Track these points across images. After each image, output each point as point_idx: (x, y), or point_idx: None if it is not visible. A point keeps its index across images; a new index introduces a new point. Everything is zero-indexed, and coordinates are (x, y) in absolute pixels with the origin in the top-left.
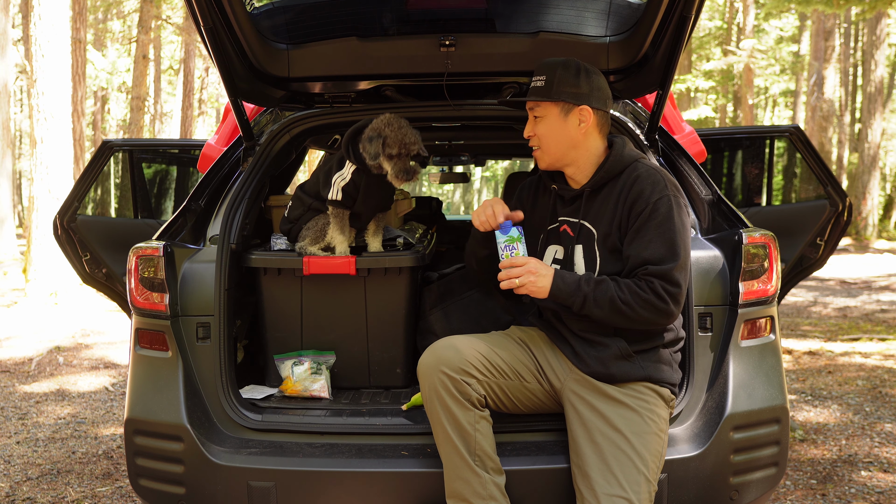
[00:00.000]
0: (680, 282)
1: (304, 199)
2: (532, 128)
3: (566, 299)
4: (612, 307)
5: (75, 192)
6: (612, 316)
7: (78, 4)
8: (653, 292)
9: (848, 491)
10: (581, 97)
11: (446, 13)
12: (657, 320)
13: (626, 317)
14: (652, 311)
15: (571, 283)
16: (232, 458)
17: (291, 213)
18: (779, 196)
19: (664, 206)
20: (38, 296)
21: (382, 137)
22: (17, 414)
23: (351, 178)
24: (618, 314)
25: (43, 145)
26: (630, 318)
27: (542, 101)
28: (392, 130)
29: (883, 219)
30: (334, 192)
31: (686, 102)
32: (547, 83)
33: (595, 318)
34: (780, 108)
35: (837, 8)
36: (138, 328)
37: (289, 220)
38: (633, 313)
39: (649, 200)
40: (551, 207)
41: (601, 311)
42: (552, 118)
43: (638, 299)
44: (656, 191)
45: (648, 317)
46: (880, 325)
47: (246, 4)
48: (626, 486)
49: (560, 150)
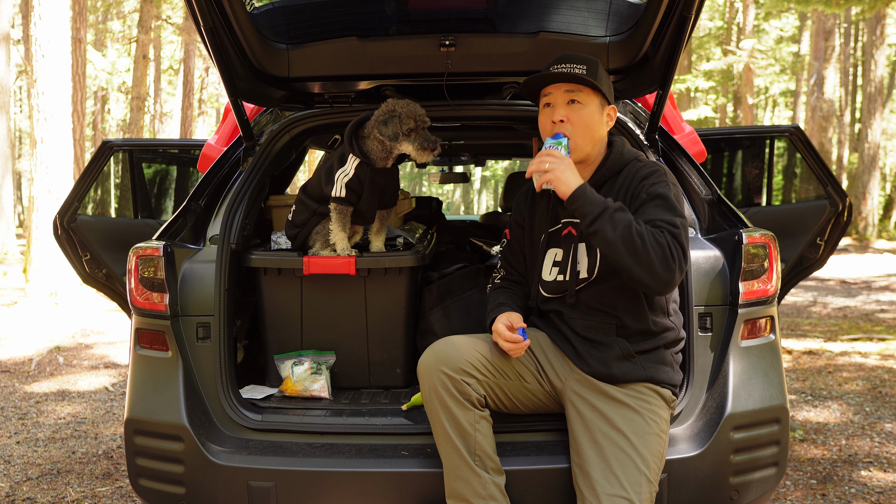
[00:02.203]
0: (686, 249)
1: (309, 204)
2: (566, 112)
3: (586, 204)
4: (627, 232)
5: (75, 192)
6: (621, 243)
7: (78, 4)
8: (666, 240)
9: (848, 491)
10: (611, 97)
11: (446, 13)
12: (659, 271)
13: (634, 249)
14: (660, 256)
15: (596, 195)
16: (232, 458)
17: (296, 217)
18: (779, 196)
19: (664, 187)
20: (38, 296)
21: (397, 115)
22: (17, 414)
23: (354, 173)
24: (628, 243)
25: (43, 145)
26: (638, 252)
27: (587, 88)
28: (402, 107)
29: (883, 219)
30: (338, 188)
31: (686, 102)
32: (590, 72)
33: (604, 238)
34: (780, 108)
35: (837, 8)
36: (138, 328)
37: (294, 224)
38: (643, 248)
39: (647, 184)
40: (551, 210)
41: (613, 232)
42: (593, 108)
43: (652, 238)
44: (656, 176)
45: (655, 261)
46: (880, 325)
47: (246, 4)
48: (627, 486)
49: (587, 141)
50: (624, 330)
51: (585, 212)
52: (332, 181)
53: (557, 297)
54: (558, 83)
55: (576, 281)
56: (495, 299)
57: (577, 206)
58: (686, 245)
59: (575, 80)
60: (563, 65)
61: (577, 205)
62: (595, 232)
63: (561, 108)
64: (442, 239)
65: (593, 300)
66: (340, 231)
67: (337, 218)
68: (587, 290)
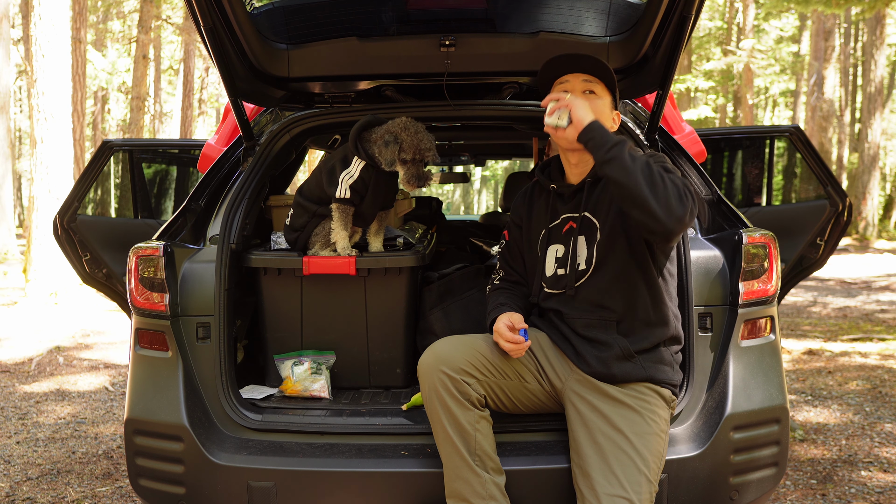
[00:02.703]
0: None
1: (308, 206)
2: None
3: (604, 134)
4: (644, 165)
5: (75, 192)
6: (639, 171)
7: (78, 4)
8: (682, 183)
9: (848, 491)
10: (617, 102)
11: (446, 13)
12: (674, 205)
13: (651, 178)
14: (675, 192)
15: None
16: (232, 458)
17: (295, 221)
18: (779, 196)
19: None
20: (38, 296)
21: (399, 142)
22: (17, 414)
23: (359, 175)
24: (645, 172)
25: (43, 145)
26: (655, 182)
27: (602, 84)
28: (409, 135)
29: (883, 219)
30: (342, 190)
31: (686, 102)
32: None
33: (622, 164)
34: (780, 108)
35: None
36: (138, 328)
37: (293, 228)
38: (660, 181)
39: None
40: (551, 207)
41: (631, 164)
42: (606, 103)
43: (668, 178)
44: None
45: (670, 194)
46: (880, 325)
47: (246, 4)
48: (627, 486)
49: None
50: (624, 325)
51: (604, 140)
52: (335, 182)
53: (558, 294)
54: (577, 73)
55: (575, 274)
56: (495, 300)
57: (594, 135)
58: (695, 196)
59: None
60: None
61: (595, 133)
62: (612, 159)
63: (577, 94)
64: (442, 239)
65: (593, 293)
66: (342, 230)
67: (339, 218)
68: (586, 283)
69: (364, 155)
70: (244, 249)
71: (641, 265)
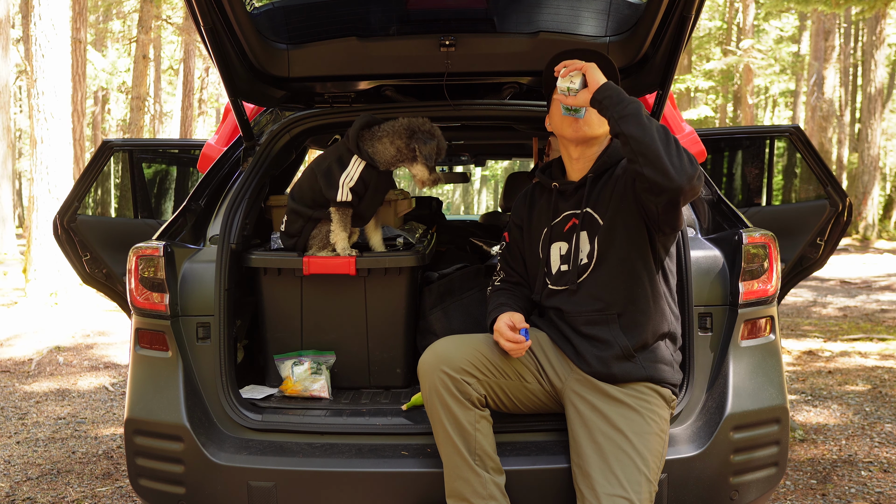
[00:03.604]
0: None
1: (303, 212)
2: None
3: (619, 92)
4: (660, 129)
5: (75, 192)
6: (654, 128)
7: (78, 4)
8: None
9: (848, 491)
10: None
11: (446, 13)
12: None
13: (666, 141)
14: (686, 157)
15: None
16: (232, 458)
17: (290, 227)
18: (779, 196)
19: None
20: (38, 296)
21: (437, 139)
22: (17, 414)
23: (359, 176)
24: (660, 131)
25: (43, 145)
26: (668, 143)
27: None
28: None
29: (883, 219)
30: (343, 193)
31: (686, 102)
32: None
33: (638, 121)
34: (780, 108)
35: (837, 7)
36: (138, 328)
37: (289, 234)
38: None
39: None
40: (553, 205)
41: (648, 122)
42: None
43: (681, 145)
44: None
45: (683, 156)
46: (880, 325)
47: (246, 4)
48: (626, 486)
49: (600, 126)
50: (625, 319)
51: (619, 98)
52: (334, 185)
53: (561, 290)
54: None
55: (578, 269)
56: (496, 300)
57: (611, 93)
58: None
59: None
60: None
61: (610, 90)
62: (629, 115)
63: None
64: (442, 239)
65: (594, 287)
66: (342, 232)
67: (338, 220)
68: (588, 277)
69: (365, 155)
70: (244, 249)
71: (642, 258)
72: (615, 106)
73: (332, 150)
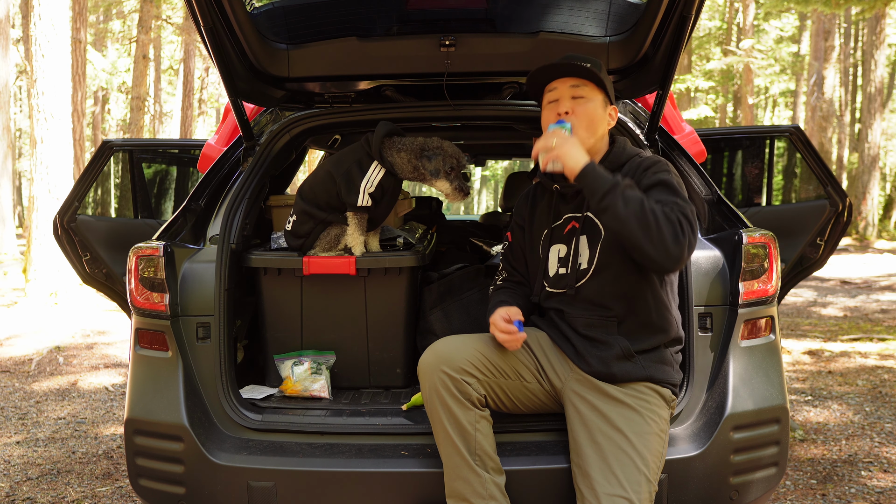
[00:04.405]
0: (694, 226)
1: (316, 214)
2: (571, 105)
3: (598, 180)
4: (638, 207)
5: (75, 192)
6: (633, 218)
7: (78, 4)
8: (677, 218)
9: (848, 491)
10: (612, 97)
11: (446, 13)
12: (669, 247)
13: (646, 224)
14: (671, 233)
15: (605, 171)
16: (232, 458)
17: (299, 228)
18: (779, 196)
19: (666, 174)
20: (38, 296)
21: (443, 153)
22: (17, 414)
23: (379, 182)
24: (640, 218)
25: (43, 145)
26: (650, 227)
27: (592, 84)
28: (449, 146)
29: (883, 219)
30: (363, 199)
31: (686, 102)
32: (594, 68)
33: (616, 213)
34: (780, 108)
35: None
36: (138, 328)
37: (297, 235)
38: (655, 225)
39: (650, 172)
40: (554, 207)
41: (625, 208)
42: (597, 103)
43: (664, 216)
44: (658, 166)
45: (666, 237)
46: (880, 325)
47: (246, 4)
48: (626, 486)
49: (590, 134)
50: (625, 326)
51: (596, 187)
52: (355, 191)
53: (559, 293)
54: (564, 78)
55: (576, 273)
56: (496, 298)
57: (588, 182)
58: (694, 223)
59: (582, 73)
60: (572, 59)
61: (588, 181)
62: (606, 208)
63: (566, 101)
64: (442, 239)
65: (593, 293)
66: (360, 236)
67: (356, 224)
68: (587, 283)
69: (387, 164)
70: (244, 249)
71: (643, 267)
72: (591, 197)
73: (350, 153)
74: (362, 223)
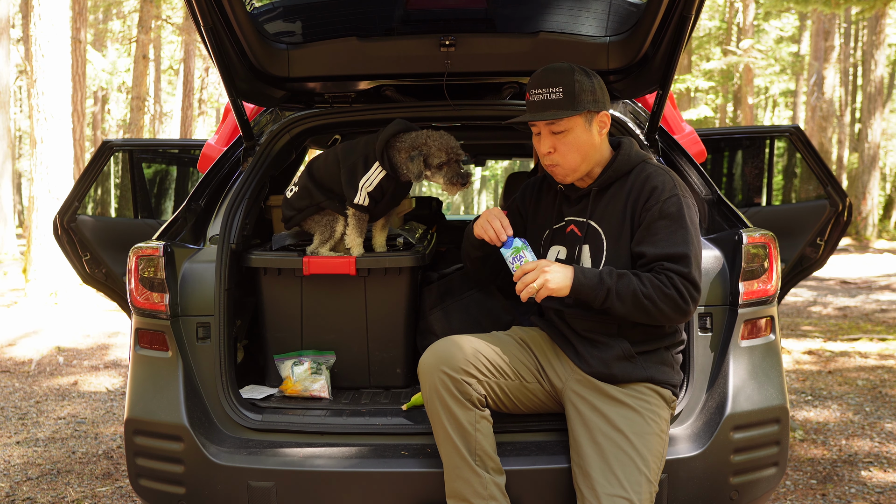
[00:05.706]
0: (698, 281)
1: (316, 195)
2: (552, 143)
3: (589, 293)
4: (635, 301)
5: (75, 192)
6: (634, 311)
7: (78, 4)
8: (674, 288)
9: (848, 491)
10: (599, 102)
11: (446, 13)
12: (675, 318)
13: (646, 312)
14: (673, 307)
15: (592, 277)
16: (232, 458)
17: (297, 201)
18: (779, 196)
19: (675, 205)
20: (38, 296)
21: (423, 154)
22: (17, 414)
23: (378, 183)
24: (639, 309)
25: (43, 145)
26: (650, 313)
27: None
28: (434, 140)
29: (883, 219)
30: (361, 197)
31: (686, 102)
32: (567, 94)
33: (616, 313)
34: (780, 108)
35: (836, 8)
36: (138, 328)
37: (292, 206)
38: (654, 308)
39: (660, 199)
40: (557, 207)
41: (623, 307)
42: (578, 130)
43: (660, 293)
44: (666, 190)
45: (668, 313)
46: (880, 325)
47: (246, 4)
48: (627, 486)
49: (581, 161)
50: (625, 327)
51: (591, 298)
52: (355, 187)
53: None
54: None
55: None
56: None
57: (581, 298)
58: (697, 278)
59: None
60: (539, 90)
61: (581, 297)
62: (607, 310)
63: (547, 138)
64: (442, 239)
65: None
66: (358, 237)
67: (355, 224)
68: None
69: (388, 165)
70: (244, 249)
71: None
72: (591, 301)
73: (362, 145)
74: (361, 223)
